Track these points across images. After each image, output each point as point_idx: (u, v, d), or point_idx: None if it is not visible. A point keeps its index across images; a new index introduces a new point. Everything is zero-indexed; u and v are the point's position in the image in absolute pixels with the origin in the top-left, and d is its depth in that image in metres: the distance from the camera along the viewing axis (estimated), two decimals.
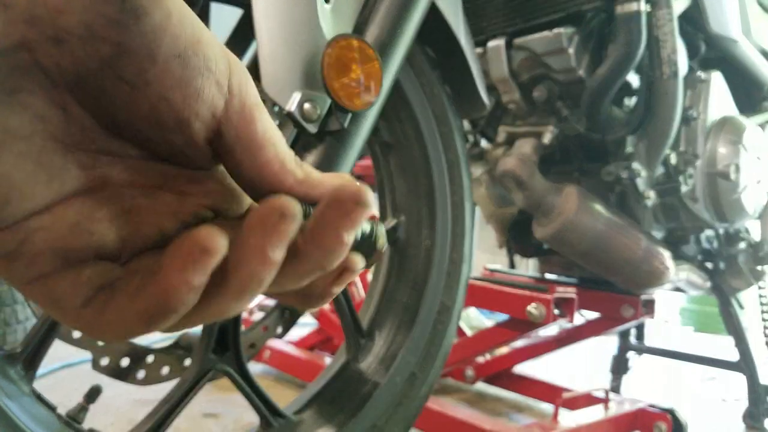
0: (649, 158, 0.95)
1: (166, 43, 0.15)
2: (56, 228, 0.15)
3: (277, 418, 0.60)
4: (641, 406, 1.10)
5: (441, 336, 0.70)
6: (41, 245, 0.15)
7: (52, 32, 0.14)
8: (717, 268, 1.20)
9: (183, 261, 0.14)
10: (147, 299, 0.14)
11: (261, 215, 0.14)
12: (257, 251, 0.14)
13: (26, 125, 0.14)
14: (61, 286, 0.15)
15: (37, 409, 0.48)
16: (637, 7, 0.85)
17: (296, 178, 0.17)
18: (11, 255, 0.15)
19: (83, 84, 0.15)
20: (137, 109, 0.15)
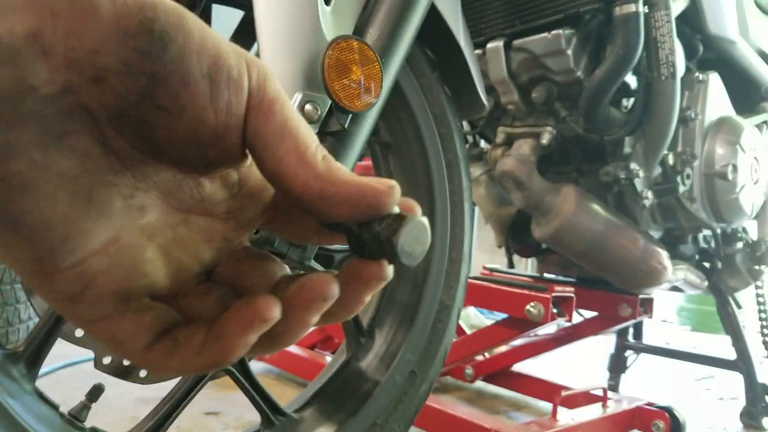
0: (646, 159, 0.95)
1: (193, 65, 0.15)
2: (115, 271, 0.16)
3: (278, 416, 0.60)
4: (639, 404, 1.11)
5: (440, 335, 0.71)
6: (104, 289, 0.16)
7: (92, 72, 0.15)
8: (714, 268, 1.20)
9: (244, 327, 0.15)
10: (209, 355, 0.16)
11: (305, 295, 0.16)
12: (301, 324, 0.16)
13: (75, 166, 0.15)
14: (125, 329, 0.16)
15: (39, 408, 0.48)
16: (635, 8, 0.85)
17: (315, 172, 0.16)
18: (75, 298, 0.16)
19: (125, 117, 0.15)
20: (176, 133, 0.16)
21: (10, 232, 0.15)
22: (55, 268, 0.15)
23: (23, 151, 0.14)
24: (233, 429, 0.96)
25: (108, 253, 0.16)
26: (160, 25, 0.15)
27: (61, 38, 0.14)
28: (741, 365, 1.27)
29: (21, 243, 0.15)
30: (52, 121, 0.15)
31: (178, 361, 0.16)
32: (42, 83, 0.14)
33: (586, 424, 0.99)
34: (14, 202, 0.14)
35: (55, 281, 0.15)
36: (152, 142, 0.16)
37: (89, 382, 0.53)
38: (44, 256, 0.15)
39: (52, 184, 0.15)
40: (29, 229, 0.15)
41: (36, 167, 0.14)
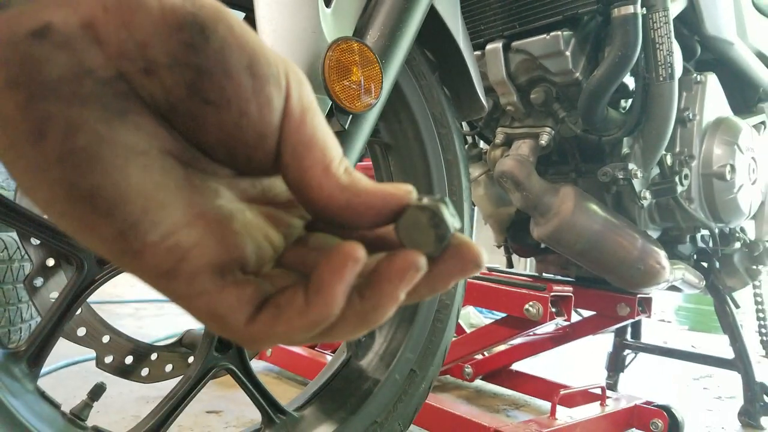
0: (645, 159, 0.96)
1: (235, 57, 0.16)
2: (208, 243, 0.16)
3: (279, 414, 0.61)
4: (638, 403, 1.11)
5: (440, 334, 0.71)
6: (199, 262, 0.16)
7: (143, 64, 0.15)
8: (712, 268, 1.21)
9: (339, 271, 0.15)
10: (314, 311, 0.15)
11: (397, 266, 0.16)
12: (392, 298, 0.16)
13: (142, 141, 0.15)
14: (225, 303, 0.16)
15: (41, 407, 0.48)
16: (633, 9, 0.85)
17: (339, 184, 0.17)
18: (171, 273, 0.15)
19: (175, 113, 0.16)
20: (223, 130, 0.16)
21: (87, 210, 0.15)
22: (143, 242, 0.15)
23: (87, 125, 0.14)
24: (234, 427, 0.96)
25: (197, 227, 0.16)
26: (201, 18, 0.15)
27: (112, 30, 0.15)
28: (739, 364, 1.28)
29: (100, 220, 0.15)
30: (112, 99, 0.15)
31: (284, 325, 0.16)
32: (98, 67, 0.15)
33: (584, 422, 0.99)
34: (85, 177, 0.15)
35: (146, 257, 0.15)
36: (202, 140, 0.16)
37: (91, 381, 0.53)
38: (127, 230, 0.15)
39: (121, 158, 0.15)
40: (106, 203, 0.15)
41: (101, 141, 0.15)
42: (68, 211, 0.15)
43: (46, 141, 0.14)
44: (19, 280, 1.04)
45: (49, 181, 0.15)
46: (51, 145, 0.14)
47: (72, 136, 0.14)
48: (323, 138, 0.17)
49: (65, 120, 0.14)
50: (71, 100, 0.14)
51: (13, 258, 1.03)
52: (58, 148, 0.14)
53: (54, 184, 0.15)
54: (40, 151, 0.14)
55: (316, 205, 0.17)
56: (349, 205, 0.17)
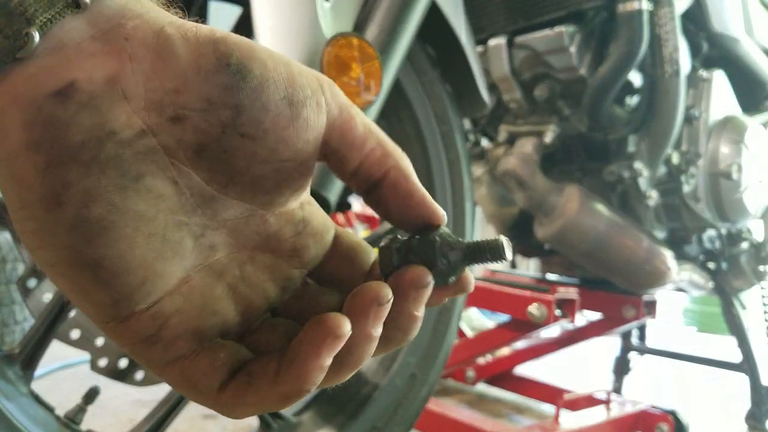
0: (651, 157, 0.94)
1: (272, 90, 0.16)
2: (188, 310, 0.16)
3: (276, 419, 0.60)
4: (643, 407, 1.10)
5: (441, 337, 0.70)
6: (178, 329, 0.16)
7: (172, 112, 0.15)
8: (719, 269, 1.19)
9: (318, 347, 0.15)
10: (286, 384, 0.15)
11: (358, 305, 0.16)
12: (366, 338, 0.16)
13: (150, 208, 0.15)
14: (198, 368, 0.16)
15: (35, 410, 0.48)
16: (639, 5, 0.84)
17: (396, 159, 0.18)
18: (151, 339, 0.16)
19: (204, 151, 0.16)
20: (257, 156, 0.16)
21: (88, 277, 0.15)
22: (131, 311, 0.15)
23: (103, 195, 0.14)
24: None
25: (181, 293, 0.16)
26: (236, 58, 0.15)
27: (141, 81, 0.15)
28: (746, 367, 1.26)
29: (99, 287, 0.15)
30: (130, 163, 0.15)
31: (254, 395, 0.16)
32: (121, 127, 0.15)
33: (589, 427, 0.98)
34: (94, 246, 0.15)
35: (131, 324, 0.16)
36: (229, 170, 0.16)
37: (85, 384, 0.53)
38: (122, 299, 0.15)
39: (131, 227, 0.15)
40: (109, 273, 0.15)
41: (115, 211, 0.15)
42: (69, 275, 0.15)
43: (61, 209, 0.14)
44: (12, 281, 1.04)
45: (56, 246, 0.15)
46: (65, 213, 0.14)
47: (87, 205, 0.14)
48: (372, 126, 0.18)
49: (83, 189, 0.14)
50: (91, 166, 0.14)
51: (6, 259, 1.03)
52: (72, 217, 0.14)
53: (61, 249, 0.15)
54: (54, 218, 0.14)
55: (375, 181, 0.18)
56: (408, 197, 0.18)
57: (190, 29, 0.16)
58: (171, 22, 0.16)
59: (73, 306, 0.51)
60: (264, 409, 0.16)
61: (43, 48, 0.14)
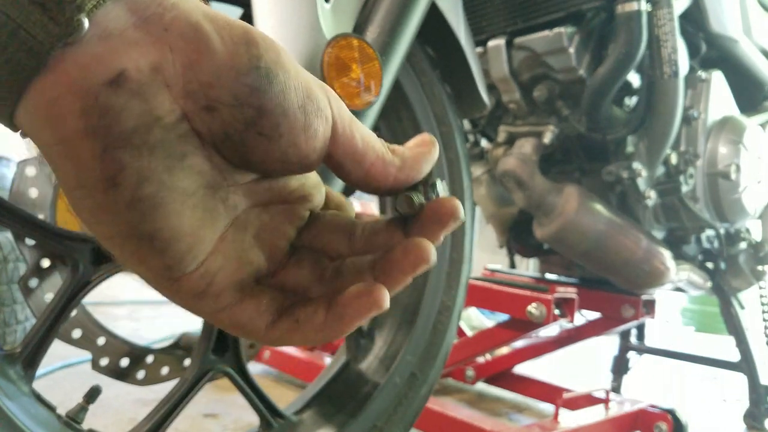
0: (649, 158, 0.95)
1: (292, 98, 0.17)
2: (228, 266, 0.19)
3: (276, 418, 0.60)
4: (642, 406, 1.10)
5: (441, 336, 0.70)
6: (223, 283, 0.19)
7: (205, 103, 0.17)
8: (718, 268, 1.19)
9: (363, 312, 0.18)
10: (329, 332, 0.19)
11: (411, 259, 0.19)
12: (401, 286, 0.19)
13: (192, 183, 0.17)
14: (245, 314, 0.19)
15: (36, 409, 0.47)
16: (637, 6, 0.85)
17: (396, 166, 0.20)
18: (201, 294, 0.18)
19: (228, 141, 0.17)
20: (271, 155, 0.18)
21: (145, 248, 0.17)
22: (183, 272, 0.18)
23: (154, 175, 0.16)
24: (231, 431, 0.95)
25: (220, 252, 0.18)
26: (265, 62, 0.17)
27: (180, 71, 0.16)
28: (744, 367, 1.27)
29: (154, 256, 0.17)
30: (174, 146, 0.17)
31: (300, 336, 0.19)
32: (165, 113, 0.16)
33: (588, 426, 0.98)
34: (149, 221, 0.16)
35: (183, 284, 0.18)
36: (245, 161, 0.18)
37: (87, 384, 0.53)
38: (174, 264, 0.17)
39: (178, 202, 0.17)
40: (162, 243, 0.17)
41: (165, 188, 0.16)
42: (126, 247, 0.17)
43: (117, 190, 0.16)
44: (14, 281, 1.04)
45: (114, 222, 0.16)
46: (122, 193, 0.16)
47: (141, 185, 0.16)
48: (372, 141, 0.20)
49: (136, 170, 0.16)
50: (142, 149, 0.16)
51: (8, 258, 1.03)
52: (128, 196, 0.16)
53: (118, 225, 0.17)
54: (111, 198, 0.16)
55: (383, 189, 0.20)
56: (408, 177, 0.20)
57: (224, 26, 0.17)
58: (205, 15, 0.17)
59: (74, 306, 0.51)
60: (303, 343, 0.19)
61: (91, 35, 0.15)
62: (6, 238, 1.03)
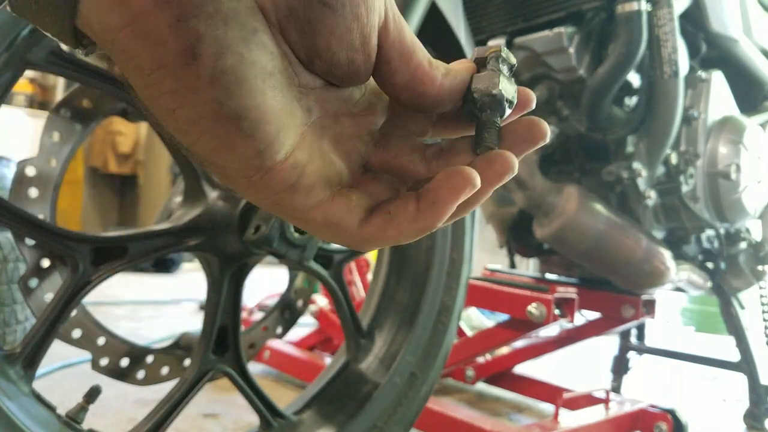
0: (649, 158, 0.95)
1: None
2: (315, 161, 0.19)
3: (276, 418, 0.60)
4: (642, 406, 1.10)
5: (441, 336, 0.70)
6: (313, 177, 0.18)
7: None
8: (718, 268, 1.19)
9: (456, 192, 0.18)
10: (425, 220, 0.18)
11: (497, 168, 0.20)
12: (487, 193, 0.20)
13: (268, 62, 0.17)
14: (338, 210, 0.19)
15: (36, 409, 0.47)
16: (637, 6, 0.85)
17: (443, 73, 0.20)
18: (294, 187, 0.18)
19: (293, 18, 0.17)
20: (335, 31, 0.17)
21: (232, 129, 0.16)
22: (274, 162, 0.17)
23: (231, 46, 0.16)
24: (231, 431, 0.95)
25: (304, 147, 0.18)
26: None
27: None
28: (744, 367, 1.27)
29: (243, 138, 0.17)
30: (245, 17, 0.16)
31: (395, 229, 0.19)
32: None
33: (588, 426, 0.98)
34: (235, 98, 0.16)
35: (275, 174, 0.18)
36: (312, 46, 0.18)
37: (87, 384, 0.53)
38: (264, 149, 0.17)
39: (260, 78, 0.16)
40: (250, 123, 0.16)
41: (244, 62, 0.16)
42: (213, 130, 0.16)
43: (198, 61, 0.15)
44: (14, 281, 1.04)
45: (198, 102, 0.16)
46: (203, 65, 0.15)
47: (222, 56, 0.15)
48: (419, 44, 0.20)
49: (215, 40, 0.15)
50: (215, 18, 0.15)
51: (8, 258, 1.03)
52: (210, 68, 0.15)
53: (203, 105, 0.16)
54: (193, 72, 0.15)
55: (428, 95, 0.20)
56: (453, 88, 0.20)
57: None
58: None
59: (74, 306, 0.51)
60: (398, 241, 0.19)
61: None
62: (6, 238, 1.03)
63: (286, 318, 0.81)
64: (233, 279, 0.57)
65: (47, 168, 0.63)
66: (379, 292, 0.72)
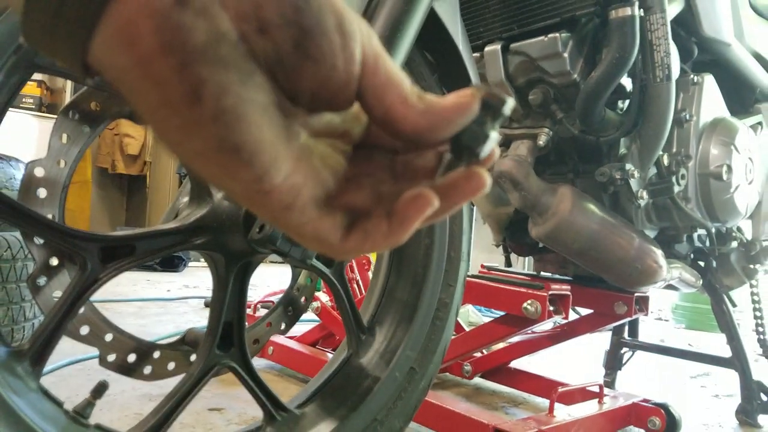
0: (642, 159, 0.96)
1: (328, 18, 0.19)
2: (309, 182, 0.20)
3: (280, 411, 0.61)
4: (635, 400, 1.12)
5: (440, 332, 0.72)
6: (306, 197, 0.20)
7: (257, 24, 0.18)
8: (709, 267, 1.21)
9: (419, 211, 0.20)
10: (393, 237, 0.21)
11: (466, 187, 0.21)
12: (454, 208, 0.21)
13: (263, 99, 0.18)
14: (325, 227, 0.21)
15: (44, 405, 0.48)
16: (630, 11, 0.86)
17: (419, 111, 0.20)
18: (289, 207, 0.20)
19: (281, 66, 0.19)
20: (316, 80, 0.19)
21: (234, 159, 0.18)
22: (272, 184, 0.19)
23: (231, 88, 0.17)
24: (236, 425, 0.97)
25: (299, 169, 0.20)
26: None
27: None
28: (736, 363, 1.28)
29: (243, 167, 0.18)
30: (242, 62, 0.18)
31: (370, 244, 0.21)
32: (228, 30, 0.17)
33: (582, 420, 1.00)
34: (234, 133, 0.17)
35: (274, 196, 0.19)
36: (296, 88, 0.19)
37: (94, 379, 0.53)
38: (263, 174, 0.18)
39: (257, 114, 0.18)
40: (248, 153, 0.18)
41: (242, 101, 0.17)
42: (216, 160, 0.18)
43: (201, 102, 0.17)
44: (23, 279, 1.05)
45: (202, 137, 0.18)
46: (206, 106, 0.17)
47: (223, 97, 0.17)
48: (396, 77, 0.20)
49: (216, 83, 0.17)
50: (216, 63, 0.17)
51: (17, 257, 1.04)
52: (212, 108, 0.17)
53: (206, 139, 0.18)
54: (196, 111, 0.17)
55: (403, 132, 0.21)
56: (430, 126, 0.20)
57: None
58: None
59: (82, 303, 0.53)
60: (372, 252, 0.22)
61: None
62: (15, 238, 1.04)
63: (290, 314, 0.83)
64: (238, 276, 0.58)
65: (56, 169, 0.63)
66: (379, 289, 0.73)
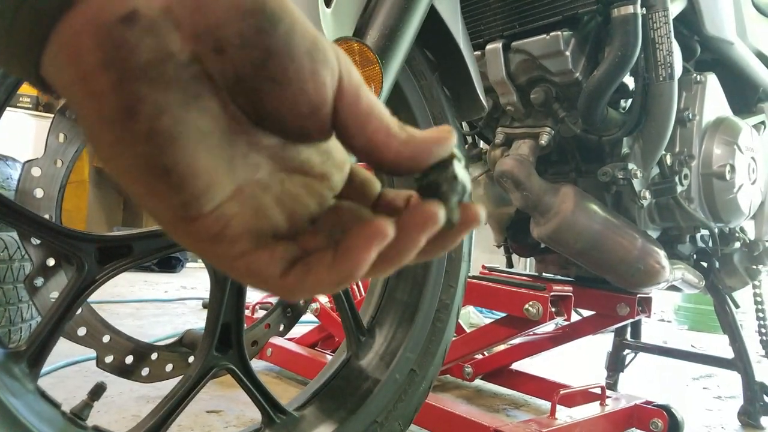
0: (644, 159, 0.96)
1: (297, 43, 0.18)
2: (245, 214, 0.19)
3: (279, 414, 0.61)
4: (637, 402, 1.11)
5: (440, 333, 0.71)
6: (239, 228, 0.19)
7: (214, 44, 0.17)
8: (712, 267, 1.21)
9: (367, 242, 0.18)
10: (341, 270, 0.18)
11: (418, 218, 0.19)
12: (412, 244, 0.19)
13: (207, 124, 0.18)
14: (261, 261, 0.19)
15: (41, 407, 0.48)
16: (633, 9, 0.85)
17: (401, 140, 0.20)
18: (217, 237, 0.18)
19: (240, 86, 0.18)
20: (282, 103, 0.18)
21: (162, 181, 0.17)
22: (199, 212, 0.18)
23: (170, 109, 0.17)
24: (234, 427, 0.96)
25: (236, 200, 0.19)
26: (270, 6, 0.17)
27: (188, 14, 0.17)
28: (739, 364, 1.28)
29: (171, 190, 0.17)
30: (188, 84, 0.17)
31: (313, 278, 0.19)
32: (178, 51, 0.17)
33: (584, 422, 0.99)
34: (165, 154, 0.17)
35: (199, 224, 0.18)
36: (260, 111, 0.18)
37: (91, 381, 0.53)
38: (190, 201, 0.18)
39: (194, 139, 0.17)
40: (179, 177, 0.17)
41: (179, 123, 0.17)
42: (143, 181, 0.17)
43: (135, 120, 0.16)
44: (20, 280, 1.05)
45: (132, 155, 0.17)
46: (140, 124, 0.16)
47: (158, 117, 0.16)
48: (377, 107, 0.20)
49: (153, 102, 0.16)
50: (158, 83, 0.16)
51: (14, 258, 1.04)
52: (146, 127, 0.16)
53: (136, 158, 0.17)
54: (129, 129, 0.17)
55: (386, 160, 0.20)
56: (413, 155, 0.20)
57: None
58: None
59: (79, 304, 0.52)
60: (320, 291, 0.19)
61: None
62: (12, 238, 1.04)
63: (288, 316, 0.82)
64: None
65: (53, 169, 0.63)
66: (379, 291, 0.73)
